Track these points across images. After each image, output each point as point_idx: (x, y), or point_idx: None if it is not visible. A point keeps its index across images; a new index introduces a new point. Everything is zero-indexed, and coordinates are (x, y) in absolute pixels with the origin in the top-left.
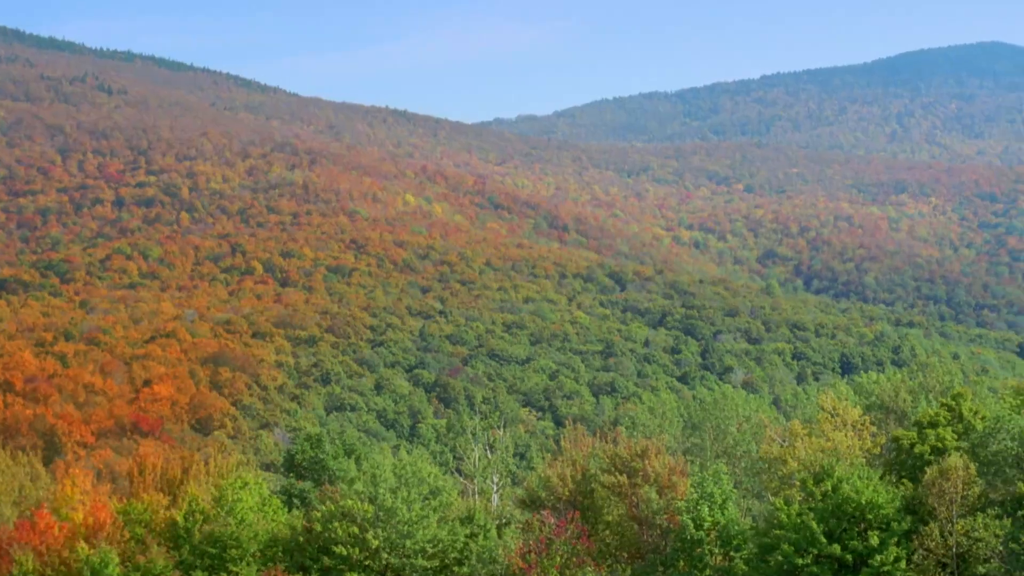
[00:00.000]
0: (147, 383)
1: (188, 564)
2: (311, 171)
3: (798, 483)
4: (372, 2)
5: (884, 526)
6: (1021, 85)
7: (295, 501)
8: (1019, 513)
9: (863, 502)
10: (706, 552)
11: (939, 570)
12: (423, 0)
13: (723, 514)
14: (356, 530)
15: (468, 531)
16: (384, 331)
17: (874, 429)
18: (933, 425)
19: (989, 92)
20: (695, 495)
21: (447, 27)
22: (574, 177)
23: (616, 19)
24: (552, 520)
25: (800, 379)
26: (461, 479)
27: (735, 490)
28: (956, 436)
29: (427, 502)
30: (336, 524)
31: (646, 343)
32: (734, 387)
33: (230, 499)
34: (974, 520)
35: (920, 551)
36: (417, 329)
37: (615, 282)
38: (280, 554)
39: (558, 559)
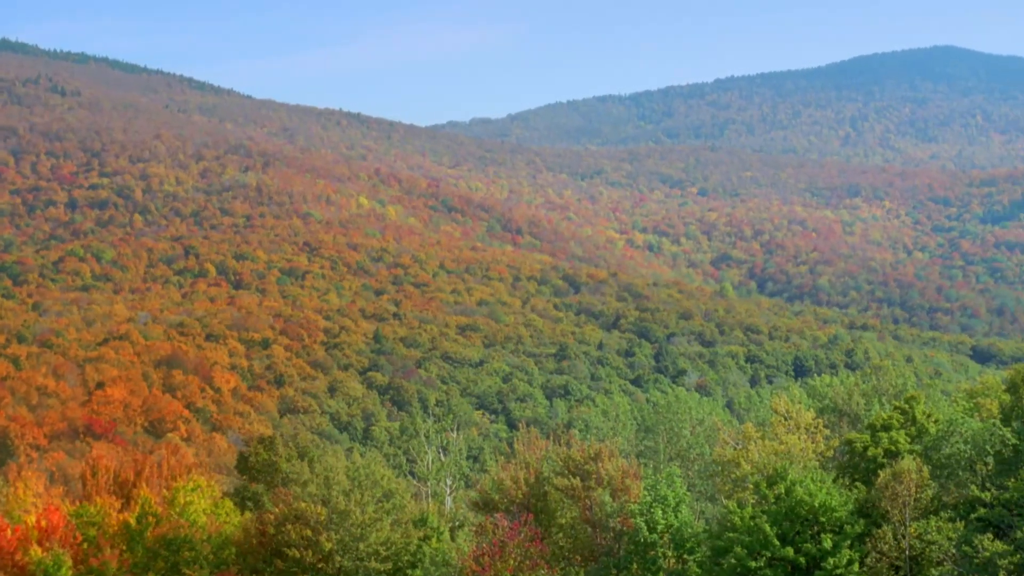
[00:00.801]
0: (100, 385)
1: (141, 567)
2: (264, 173)
3: (751, 486)
4: (325, 4)
5: (837, 529)
6: (975, 89)
7: (248, 503)
8: (972, 516)
9: (816, 505)
10: (659, 555)
11: (892, 573)
12: (377, 2)
13: (676, 517)
14: (309, 533)
15: (421, 534)
16: (338, 333)
17: (827, 432)
18: (886, 428)
19: (943, 96)
20: (648, 498)
21: (401, 29)
22: (528, 180)
23: (569, 21)
24: (505, 523)
25: (754, 382)
26: (415, 482)
27: (688, 493)
28: (909, 439)
29: (380, 505)
30: (289, 527)
31: (600, 346)
32: (687, 390)
33: (183, 501)
34: (927, 523)
35: (873, 554)
36: (371, 332)
37: (569, 285)
38: (233, 556)
39: (511, 562)
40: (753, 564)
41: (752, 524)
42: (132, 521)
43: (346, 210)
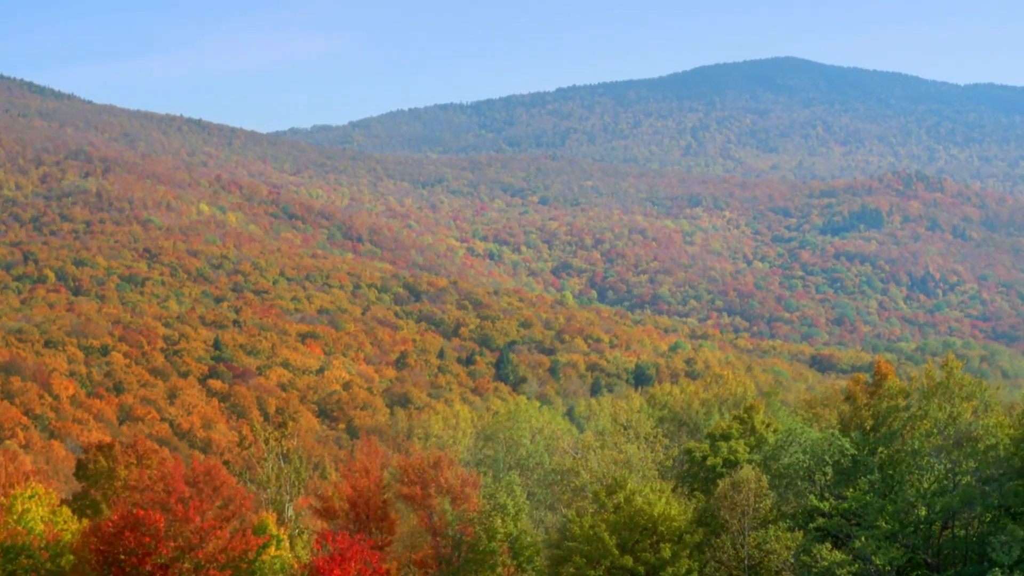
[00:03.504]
0: None
1: None
2: (105, 179)
3: (590, 495)
4: (166, 10)
5: (676, 538)
6: (815, 100)
7: (87, 511)
8: (811, 526)
9: (655, 514)
10: (498, 563)
11: None
12: (218, 9)
13: (516, 525)
14: (148, 540)
15: (261, 541)
16: (177, 340)
17: (667, 441)
18: (725, 437)
19: (784, 107)
20: (488, 506)
21: (242, 36)
22: (369, 188)
23: (411, 29)
24: (345, 530)
25: (594, 390)
26: (254, 489)
27: (528, 501)
28: (748, 448)
29: (220, 512)
30: (128, 534)
31: (440, 354)
32: (528, 398)
33: (20, 509)
34: (766, 532)
35: (712, 563)
36: (210, 339)
37: (409, 293)
38: (71, 564)
39: (352, 570)
40: (592, 573)
41: (591, 533)
42: None
43: (186, 217)
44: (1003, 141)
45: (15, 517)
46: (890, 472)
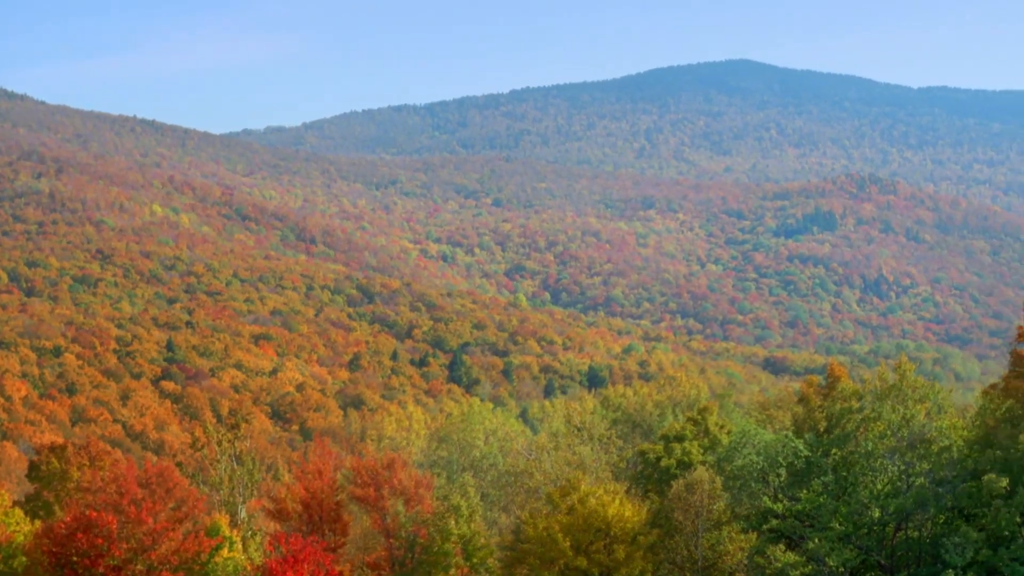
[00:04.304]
0: None
1: None
2: (58, 180)
3: (544, 496)
4: (119, 10)
5: (630, 539)
6: (769, 103)
7: (39, 512)
8: (764, 527)
9: (609, 515)
10: (452, 564)
11: None
12: (171, 9)
13: (469, 527)
14: (101, 542)
15: (214, 543)
16: (130, 342)
17: (620, 443)
18: (679, 439)
19: (737, 109)
20: (441, 508)
21: (195, 36)
22: (322, 189)
23: (365, 30)
24: (298, 532)
25: (547, 392)
26: (207, 490)
27: (481, 503)
28: (702, 450)
29: (173, 513)
30: (80, 536)
31: (393, 356)
32: (481, 400)
33: None
34: (720, 534)
35: (666, 564)
36: (163, 340)
37: (363, 294)
38: (23, 566)
39: (305, 572)
40: (546, 574)
41: (545, 534)
42: None
43: (139, 218)
44: (956, 144)
45: None
46: (844, 474)
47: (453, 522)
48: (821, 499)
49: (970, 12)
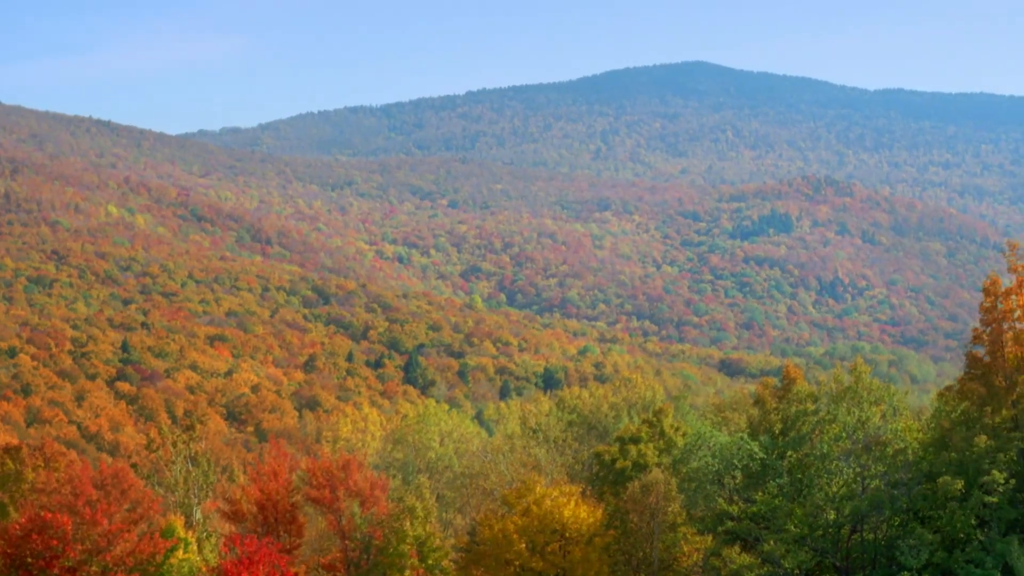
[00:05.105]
0: None
1: None
2: (13, 180)
3: (500, 498)
4: (74, 10)
5: (586, 541)
6: (725, 105)
7: None
8: (720, 529)
9: (564, 517)
10: (407, 566)
11: None
12: (127, 10)
13: (424, 528)
14: (56, 543)
15: (169, 544)
16: (85, 343)
17: (576, 444)
18: (635, 441)
19: (693, 111)
20: (397, 509)
21: (151, 37)
22: (278, 190)
23: (320, 31)
24: (254, 533)
25: (503, 394)
26: (162, 492)
27: (437, 504)
28: (658, 452)
29: (128, 515)
30: (35, 537)
31: (349, 357)
32: (437, 402)
33: None
34: (675, 535)
35: (622, 565)
36: (119, 341)
37: (318, 296)
38: None
39: (259, 572)
40: (501, 575)
41: (500, 536)
42: None
43: (95, 218)
44: (912, 146)
45: None
46: (799, 476)
47: (408, 523)
48: (776, 501)
49: (926, 15)
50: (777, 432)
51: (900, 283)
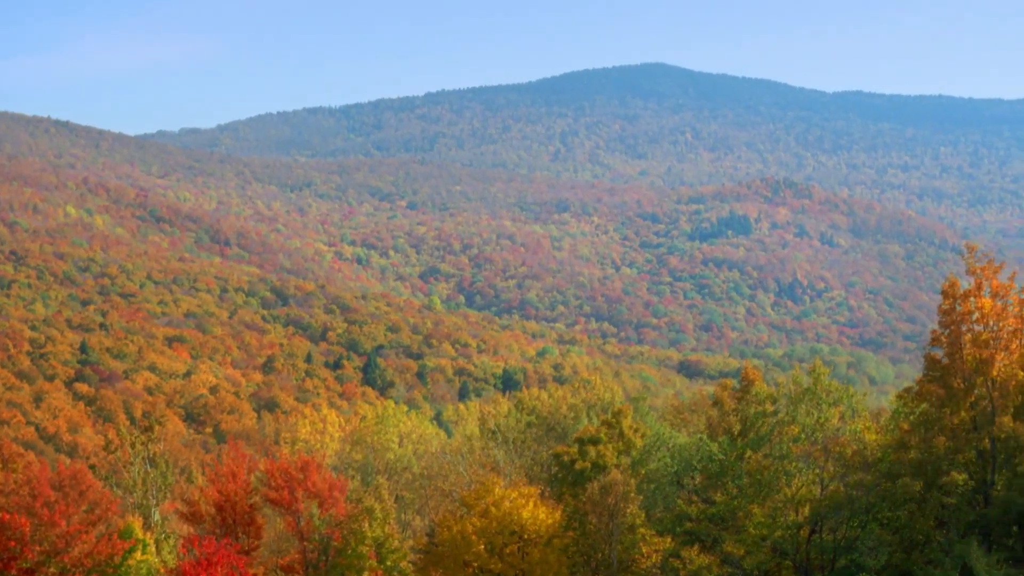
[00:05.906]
0: None
1: None
2: None
3: (458, 499)
4: (32, 10)
5: (545, 542)
6: (684, 107)
7: None
8: (679, 530)
9: (523, 518)
10: (366, 567)
11: None
12: (85, 10)
13: (383, 529)
14: (13, 544)
15: (127, 546)
16: (43, 344)
17: (535, 446)
18: (594, 442)
19: (653, 113)
20: (355, 510)
21: (109, 38)
22: (237, 191)
23: (279, 32)
24: (212, 535)
25: (462, 395)
26: (120, 493)
27: (396, 505)
28: (617, 453)
29: (86, 516)
30: None
31: (308, 358)
32: (396, 403)
33: None
34: (634, 536)
35: (581, 566)
36: (77, 342)
37: (277, 297)
38: None
39: (217, 574)
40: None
41: (459, 537)
42: None
43: (53, 219)
44: (871, 149)
45: None
46: (758, 477)
47: (367, 525)
48: (736, 502)
49: (885, 18)
50: (736, 433)
51: (859, 285)
